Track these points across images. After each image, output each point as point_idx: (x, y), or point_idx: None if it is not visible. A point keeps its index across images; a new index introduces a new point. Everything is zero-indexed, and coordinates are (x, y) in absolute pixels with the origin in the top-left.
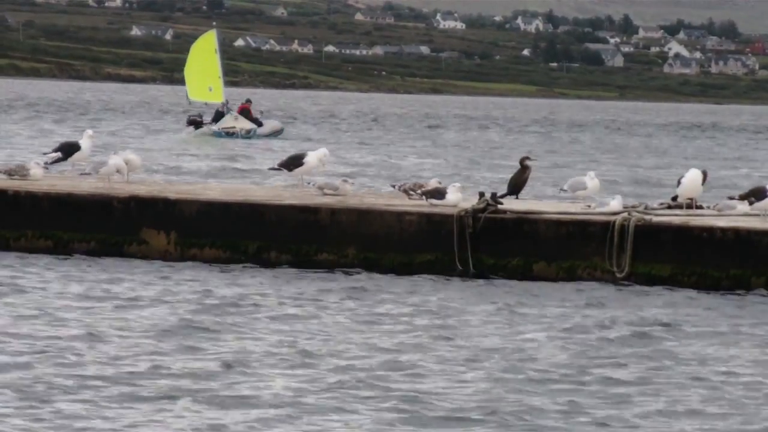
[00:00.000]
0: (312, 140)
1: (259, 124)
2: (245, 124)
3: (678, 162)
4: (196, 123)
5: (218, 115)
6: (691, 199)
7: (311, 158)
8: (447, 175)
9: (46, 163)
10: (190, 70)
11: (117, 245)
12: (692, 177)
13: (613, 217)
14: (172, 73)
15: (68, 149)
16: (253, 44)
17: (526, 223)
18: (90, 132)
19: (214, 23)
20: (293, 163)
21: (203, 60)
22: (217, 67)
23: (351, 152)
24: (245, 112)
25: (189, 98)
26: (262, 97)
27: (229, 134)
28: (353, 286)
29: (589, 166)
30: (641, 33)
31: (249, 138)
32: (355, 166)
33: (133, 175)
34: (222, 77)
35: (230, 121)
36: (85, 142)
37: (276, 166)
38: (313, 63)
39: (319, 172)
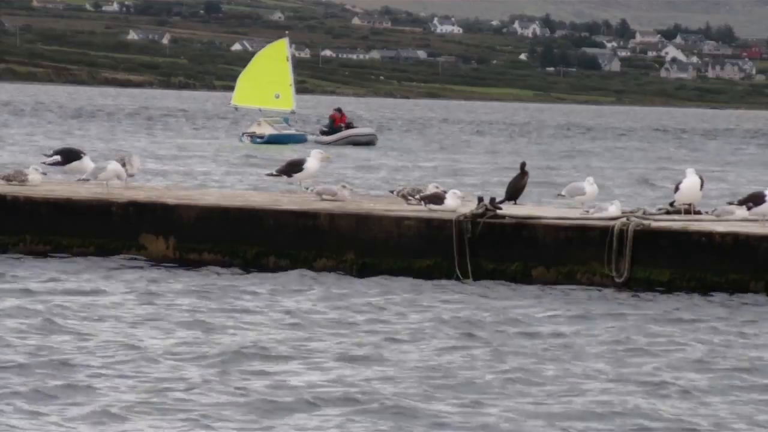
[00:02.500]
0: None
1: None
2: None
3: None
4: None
5: (331, 123)
6: (689, 204)
7: (311, 163)
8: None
9: (44, 162)
10: (247, 76)
11: (116, 250)
12: (690, 183)
13: (611, 222)
14: (169, 77)
15: (68, 155)
16: (250, 48)
17: (524, 228)
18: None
19: (287, 32)
20: (293, 169)
21: (271, 67)
22: (288, 75)
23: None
24: (332, 120)
25: (233, 104)
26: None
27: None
28: (351, 289)
29: None
30: (638, 37)
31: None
32: None
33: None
34: (293, 85)
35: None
36: (86, 159)
37: (274, 173)
38: (310, 67)
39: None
